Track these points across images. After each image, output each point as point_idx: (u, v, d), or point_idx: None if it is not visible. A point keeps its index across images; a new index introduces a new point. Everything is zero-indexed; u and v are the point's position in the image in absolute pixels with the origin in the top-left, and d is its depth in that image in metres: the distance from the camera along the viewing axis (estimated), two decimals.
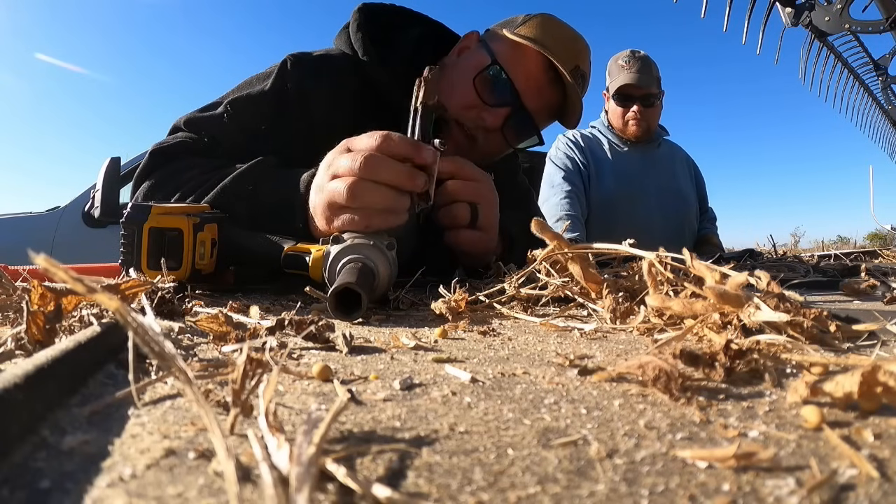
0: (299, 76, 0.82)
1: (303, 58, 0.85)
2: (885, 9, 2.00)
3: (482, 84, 0.81)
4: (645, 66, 1.74)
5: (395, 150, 0.54)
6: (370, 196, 0.53)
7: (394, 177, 0.53)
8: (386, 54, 0.86)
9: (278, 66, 0.83)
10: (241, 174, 0.67)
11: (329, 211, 0.55)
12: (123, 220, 0.55)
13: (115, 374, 0.26)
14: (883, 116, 3.06)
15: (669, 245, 0.44)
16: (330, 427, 0.16)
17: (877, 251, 1.34)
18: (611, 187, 1.77)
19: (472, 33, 0.90)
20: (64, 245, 2.51)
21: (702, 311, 0.33)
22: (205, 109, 0.85)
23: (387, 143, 0.54)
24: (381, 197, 0.53)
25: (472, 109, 0.82)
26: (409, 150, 0.54)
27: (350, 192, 0.52)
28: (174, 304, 0.42)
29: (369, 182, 0.53)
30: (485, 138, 0.84)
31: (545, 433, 0.19)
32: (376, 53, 0.85)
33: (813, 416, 0.19)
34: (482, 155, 0.87)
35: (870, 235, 7.50)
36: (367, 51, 0.85)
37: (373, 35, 0.87)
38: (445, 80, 0.83)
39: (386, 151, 0.54)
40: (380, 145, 0.54)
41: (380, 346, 0.33)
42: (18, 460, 0.16)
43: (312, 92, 0.82)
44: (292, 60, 0.83)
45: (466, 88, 0.81)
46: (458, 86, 0.82)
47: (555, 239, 0.47)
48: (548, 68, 0.82)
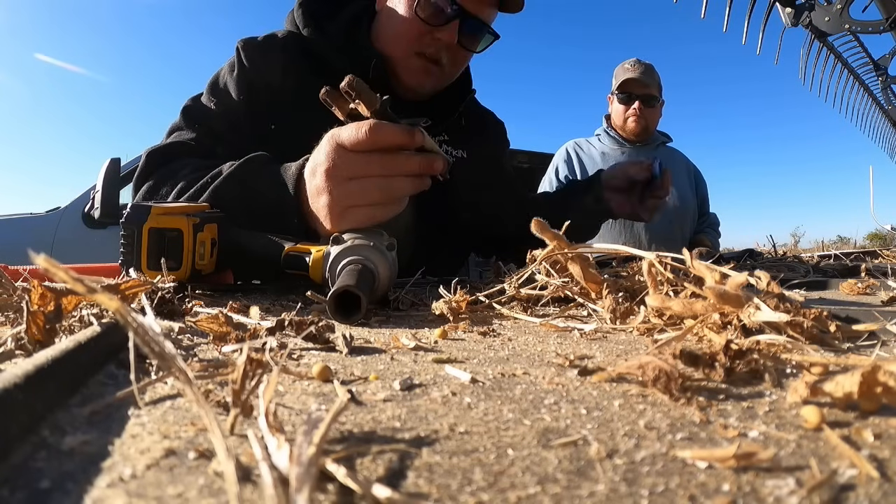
0: (251, 59, 0.87)
1: (250, 41, 0.89)
2: (885, 9, 2.00)
3: (423, 10, 0.85)
4: (648, 70, 1.85)
5: (388, 141, 0.54)
6: (368, 194, 0.55)
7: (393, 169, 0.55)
8: (324, 26, 0.91)
9: (234, 56, 0.88)
10: (231, 174, 0.68)
11: (331, 212, 0.56)
12: (123, 221, 0.55)
13: (115, 375, 0.26)
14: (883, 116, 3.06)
15: (661, 246, 0.44)
16: (330, 427, 0.16)
17: (877, 251, 1.34)
18: None
19: None
20: (64, 245, 2.51)
21: (702, 311, 0.33)
22: (196, 99, 0.89)
23: (376, 136, 0.53)
24: (379, 192, 0.55)
25: (424, 37, 0.86)
26: (403, 139, 0.54)
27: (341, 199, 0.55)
28: (174, 304, 0.42)
29: (362, 179, 0.54)
30: (448, 57, 0.89)
31: (545, 433, 0.19)
32: (315, 26, 0.90)
33: (813, 417, 0.19)
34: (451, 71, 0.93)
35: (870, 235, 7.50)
36: (307, 23, 0.90)
37: (314, 10, 0.92)
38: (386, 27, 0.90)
39: (377, 145, 0.54)
40: (370, 139, 0.53)
41: (380, 347, 0.33)
42: (18, 460, 0.16)
43: (266, 72, 0.87)
44: (241, 45, 0.88)
45: (412, 23, 0.86)
46: (402, 24, 0.87)
47: (555, 239, 0.47)
48: None
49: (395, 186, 0.55)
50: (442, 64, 0.90)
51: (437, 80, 0.92)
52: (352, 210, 0.56)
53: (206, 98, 0.88)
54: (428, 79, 0.91)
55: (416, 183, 0.56)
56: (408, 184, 0.56)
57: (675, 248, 0.43)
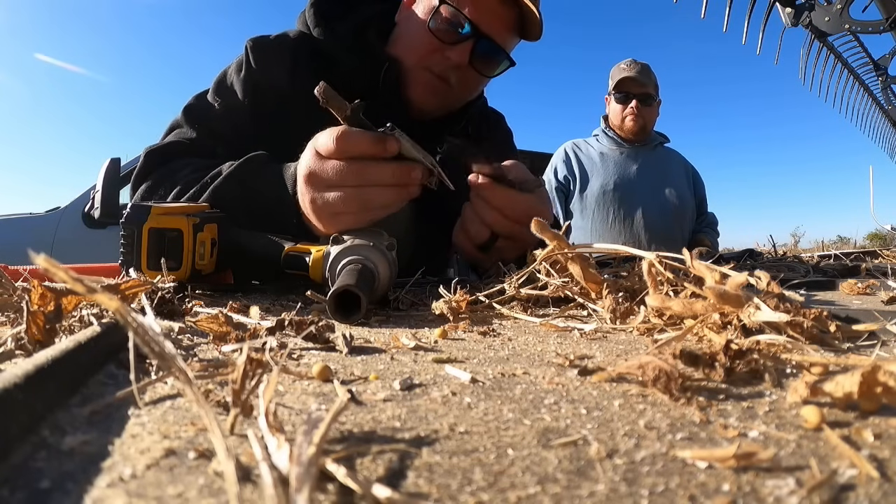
0: (260, 59, 0.85)
1: (260, 40, 0.87)
2: (885, 9, 2.00)
3: (437, 26, 0.82)
4: (644, 70, 1.86)
5: (357, 150, 0.52)
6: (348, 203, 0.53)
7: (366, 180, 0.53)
8: (335, 27, 0.88)
9: (243, 54, 0.87)
10: (231, 174, 0.67)
11: (320, 218, 0.56)
12: (123, 221, 0.55)
13: (115, 374, 0.26)
14: (883, 116, 3.06)
15: (660, 245, 0.44)
16: (330, 427, 0.16)
17: (877, 251, 1.34)
18: (603, 187, 1.87)
19: None
20: (64, 245, 2.51)
21: (702, 311, 0.33)
22: (199, 98, 0.88)
23: (344, 144, 0.52)
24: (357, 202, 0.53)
25: (435, 53, 0.83)
26: (373, 148, 0.52)
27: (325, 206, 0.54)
28: (174, 304, 0.42)
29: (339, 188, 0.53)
30: (458, 77, 0.86)
31: (545, 433, 0.19)
32: (326, 27, 0.87)
33: (813, 416, 0.19)
34: (461, 93, 0.90)
35: (870, 235, 7.50)
36: (318, 23, 0.88)
37: (328, 12, 0.90)
38: (401, 37, 0.88)
39: (346, 154, 0.52)
40: (338, 148, 0.52)
41: (380, 347, 0.33)
42: (18, 460, 0.16)
43: (275, 72, 0.85)
44: (251, 45, 0.86)
45: (424, 36, 0.83)
46: (416, 36, 0.84)
47: (555, 239, 0.47)
48: None
49: (371, 197, 0.53)
50: (451, 84, 0.85)
51: (443, 99, 0.88)
52: (338, 216, 0.55)
53: (212, 96, 0.86)
54: (433, 97, 0.86)
55: (397, 192, 0.54)
56: (386, 194, 0.53)
57: (674, 247, 0.43)
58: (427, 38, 0.83)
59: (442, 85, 0.86)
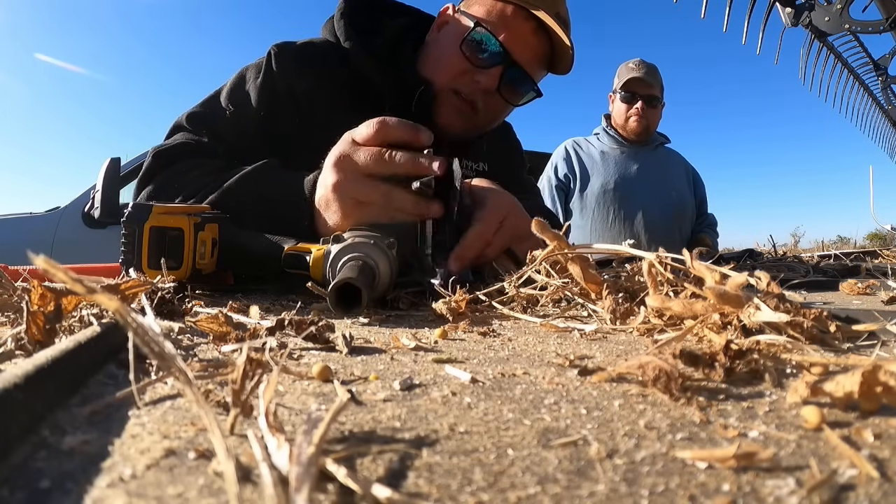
0: (284, 65, 0.84)
1: (286, 47, 0.86)
2: (885, 9, 2.00)
3: (469, 48, 0.82)
4: (652, 71, 1.87)
5: (394, 136, 0.56)
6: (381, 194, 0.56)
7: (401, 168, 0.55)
8: (368, 41, 0.87)
9: (265, 58, 0.85)
10: (245, 175, 0.67)
11: (342, 202, 0.58)
12: (124, 220, 0.55)
13: (115, 375, 0.26)
14: (883, 116, 3.06)
15: (660, 245, 0.44)
16: (330, 427, 0.16)
17: (877, 251, 1.34)
18: (603, 186, 1.87)
19: (447, 6, 0.91)
20: (64, 245, 2.51)
21: (702, 311, 0.33)
22: (206, 105, 0.86)
23: (384, 128, 0.55)
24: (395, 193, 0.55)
25: (464, 75, 0.83)
26: (408, 135, 0.56)
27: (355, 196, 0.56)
28: (174, 304, 0.42)
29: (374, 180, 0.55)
30: (484, 102, 0.85)
31: (545, 433, 0.19)
32: (358, 40, 0.86)
33: (813, 417, 0.19)
34: (486, 119, 0.89)
35: (870, 235, 7.50)
36: (349, 36, 0.86)
37: (357, 23, 0.89)
38: (432, 56, 0.87)
39: (386, 139, 0.55)
40: (378, 132, 0.55)
41: (380, 347, 0.33)
42: (18, 460, 0.16)
43: (297, 79, 0.84)
44: (276, 51, 0.85)
45: (455, 57, 0.83)
46: (446, 57, 0.84)
47: (555, 239, 0.47)
48: (529, 19, 0.83)
49: (396, 195, 0.56)
50: (477, 108, 0.85)
51: (469, 123, 0.88)
52: (360, 206, 0.57)
53: (225, 99, 0.84)
54: (459, 119, 0.86)
55: (416, 203, 0.56)
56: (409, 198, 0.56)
57: (674, 248, 0.43)
58: (458, 59, 0.82)
59: (468, 109, 0.85)
